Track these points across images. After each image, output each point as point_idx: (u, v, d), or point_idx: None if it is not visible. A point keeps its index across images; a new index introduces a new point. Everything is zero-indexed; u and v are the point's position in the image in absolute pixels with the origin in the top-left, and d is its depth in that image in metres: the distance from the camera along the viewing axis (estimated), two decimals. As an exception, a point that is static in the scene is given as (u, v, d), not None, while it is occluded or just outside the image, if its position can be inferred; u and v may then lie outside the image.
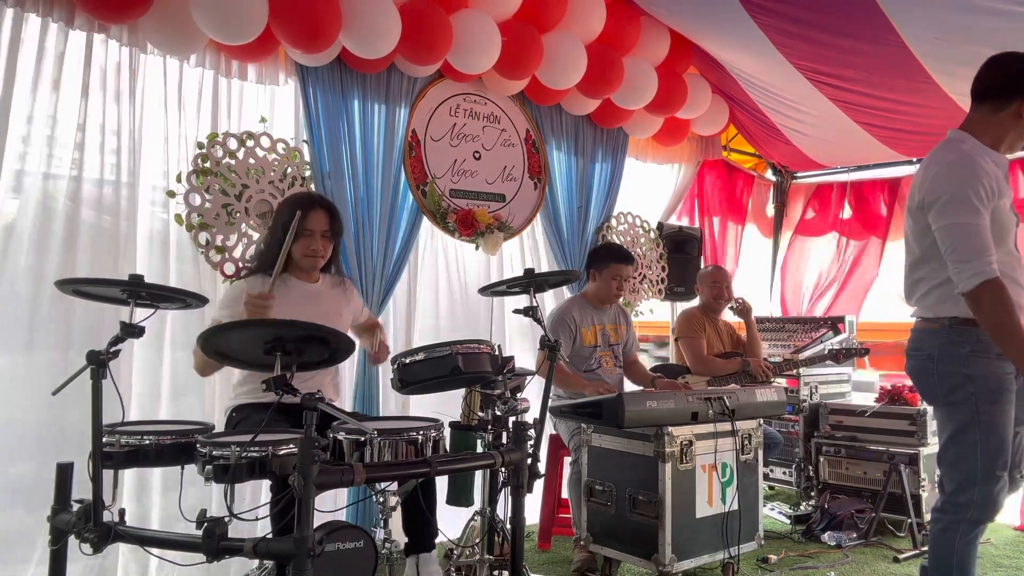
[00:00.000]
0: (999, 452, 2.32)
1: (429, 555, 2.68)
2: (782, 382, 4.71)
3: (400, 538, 2.73)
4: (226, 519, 2.01)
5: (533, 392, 2.98)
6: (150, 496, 3.19)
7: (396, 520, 2.63)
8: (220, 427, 2.74)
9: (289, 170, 3.49)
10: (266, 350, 2.07)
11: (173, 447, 2.34)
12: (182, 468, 2.37)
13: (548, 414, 2.90)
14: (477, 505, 2.98)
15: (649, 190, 5.28)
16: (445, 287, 4.26)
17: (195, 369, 2.74)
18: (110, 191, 3.15)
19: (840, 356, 4.42)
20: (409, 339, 4.06)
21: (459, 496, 3.06)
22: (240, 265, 3.33)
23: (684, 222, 5.53)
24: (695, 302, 4.95)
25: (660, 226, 5.17)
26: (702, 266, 5.43)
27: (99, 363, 2.12)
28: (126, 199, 3.20)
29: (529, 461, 2.49)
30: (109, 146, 3.16)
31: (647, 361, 4.58)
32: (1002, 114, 2.40)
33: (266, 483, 2.38)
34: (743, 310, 4.62)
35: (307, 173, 3.55)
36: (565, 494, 3.89)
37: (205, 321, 3.27)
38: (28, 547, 2.92)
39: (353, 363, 3.69)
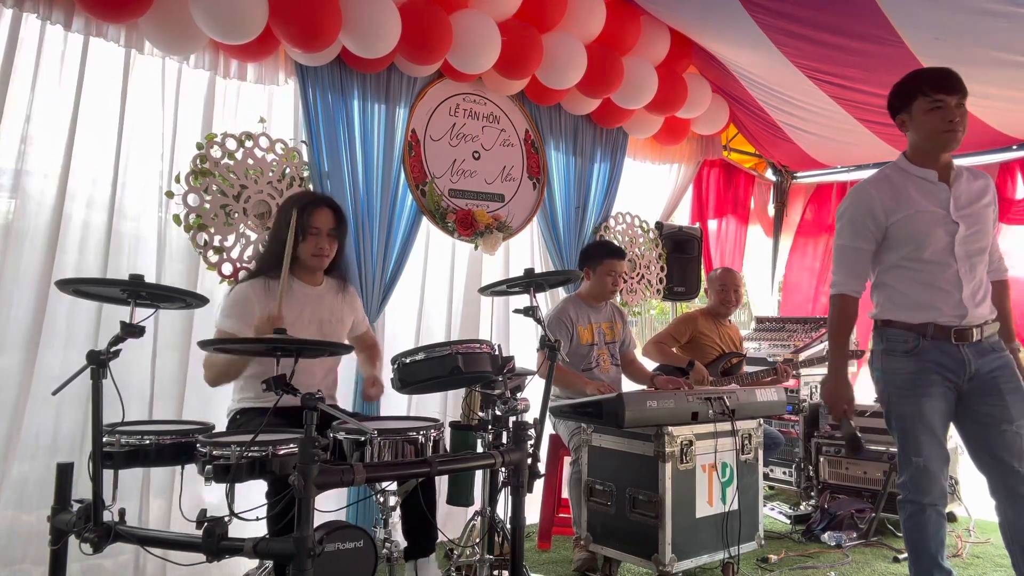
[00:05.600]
0: (908, 441, 2.59)
1: (428, 559, 2.68)
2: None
3: (400, 538, 2.73)
4: (226, 519, 2.01)
5: (533, 392, 2.98)
6: (150, 496, 3.20)
7: (396, 521, 2.63)
8: (221, 429, 2.74)
9: (288, 170, 3.49)
10: (266, 349, 2.07)
11: (173, 447, 2.34)
12: (182, 468, 2.37)
13: (548, 414, 2.90)
14: (477, 505, 2.98)
15: (648, 190, 5.28)
16: (444, 287, 4.26)
17: (207, 381, 2.71)
18: (109, 192, 3.15)
19: None
20: (409, 339, 4.06)
21: (459, 496, 3.06)
22: (238, 266, 3.33)
23: (684, 222, 5.53)
24: (697, 302, 4.95)
25: (660, 226, 5.17)
26: (705, 266, 5.43)
27: (99, 363, 2.13)
28: (125, 199, 3.21)
29: (529, 461, 2.49)
30: (108, 146, 3.15)
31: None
32: (904, 130, 2.65)
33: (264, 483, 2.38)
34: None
35: (306, 173, 3.55)
36: (565, 494, 3.89)
37: (199, 321, 3.28)
38: (28, 547, 2.92)
39: (353, 362, 3.69)
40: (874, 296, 2.71)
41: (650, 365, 4.41)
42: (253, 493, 2.35)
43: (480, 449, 2.81)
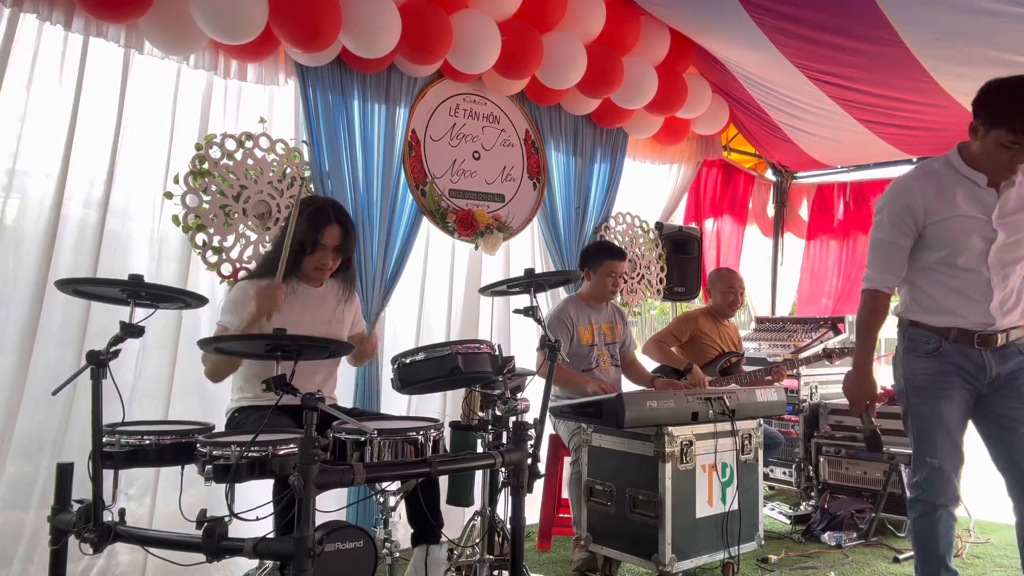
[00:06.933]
0: (924, 442, 2.55)
1: (438, 547, 2.69)
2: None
3: (400, 538, 2.73)
4: (226, 519, 2.01)
5: (533, 392, 2.98)
6: (150, 496, 3.20)
7: (396, 520, 2.63)
8: (220, 428, 2.74)
9: (288, 170, 3.49)
10: (266, 350, 2.07)
11: (173, 447, 2.34)
12: (182, 468, 2.37)
13: (548, 414, 2.90)
14: (477, 505, 2.98)
15: (649, 190, 5.27)
16: (444, 287, 4.26)
17: (207, 375, 2.72)
18: (108, 192, 3.14)
19: (834, 356, 4.42)
20: (409, 339, 4.06)
21: (459, 496, 3.06)
22: (237, 266, 3.32)
23: (681, 222, 5.53)
24: (696, 302, 4.94)
25: (659, 226, 5.17)
26: (703, 266, 5.43)
27: (99, 363, 2.13)
28: (123, 200, 3.21)
29: (529, 461, 2.49)
30: (106, 147, 3.14)
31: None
32: (972, 136, 2.51)
33: (266, 483, 2.38)
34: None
35: (307, 173, 3.55)
36: (565, 494, 3.89)
37: (198, 321, 3.28)
38: (27, 547, 2.92)
39: (352, 370, 3.68)
40: (901, 292, 2.67)
41: (649, 363, 4.42)
42: (254, 494, 2.35)
43: (480, 449, 2.81)
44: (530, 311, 2.80)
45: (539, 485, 2.98)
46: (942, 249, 2.52)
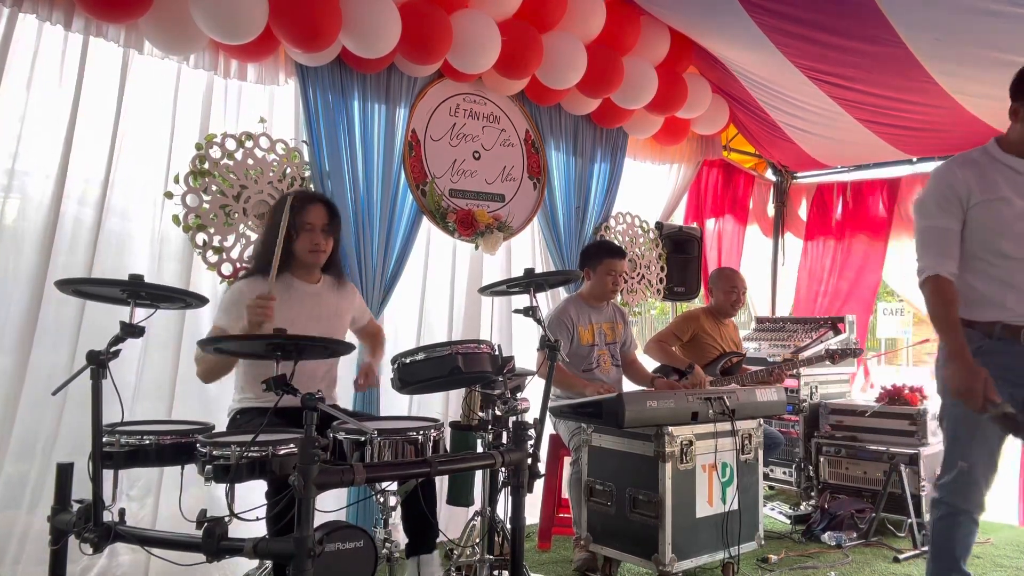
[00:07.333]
0: (957, 444, 2.50)
1: (431, 556, 2.68)
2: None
3: (400, 538, 2.72)
4: (226, 519, 2.01)
5: (533, 392, 2.98)
6: (153, 497, 3.20)
7: (396, 520, 2.63)
8: (221, 428, 2.73)
9: (288, 170, 3.49)
10: (266, 351, 2.07)
11: (173, 447, 2.34)
12: (182, 468, 2.37)
13: (548, 414, 2.90)
14: (477, 505, 2.98)
15: (649, 190, 5.27)
16: (445, 287, 4.26)
17: (199, 376, 2.71)
18: (108, 192, 3.14)
19: (836, 356, 4.43)
20: (410, 339, 4.06)
21: (459, 496, 3.06)
22: (238, 266, 3.33)
23: (683, 222, 5.53)
24: (697, 302, 4.93)
25: (659, 226, 5.17)
26: (704, 266, 5.43)
27: (99, 363, 2.13)
28: (123, 200, 3.21)
29: (529, 461, 2.49)
30: (106, 147, 3.14)
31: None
32: (1013, 119, 2.50)
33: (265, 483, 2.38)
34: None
35: (307, 173, 3.55)
36: (565, 494, 3.89)
37: (200, 321, 3.28)
38: (17, 547, 2.92)
39: (353, 360, 3.68)
40: None
41: (651, 363, 4.41)
42: (254, 494, 2.35)
43: (480, 449, 2.81)
44: (530, 311, 2.80)
45: (539, 485, 2.97)
46: (983, 235, 2.45)
